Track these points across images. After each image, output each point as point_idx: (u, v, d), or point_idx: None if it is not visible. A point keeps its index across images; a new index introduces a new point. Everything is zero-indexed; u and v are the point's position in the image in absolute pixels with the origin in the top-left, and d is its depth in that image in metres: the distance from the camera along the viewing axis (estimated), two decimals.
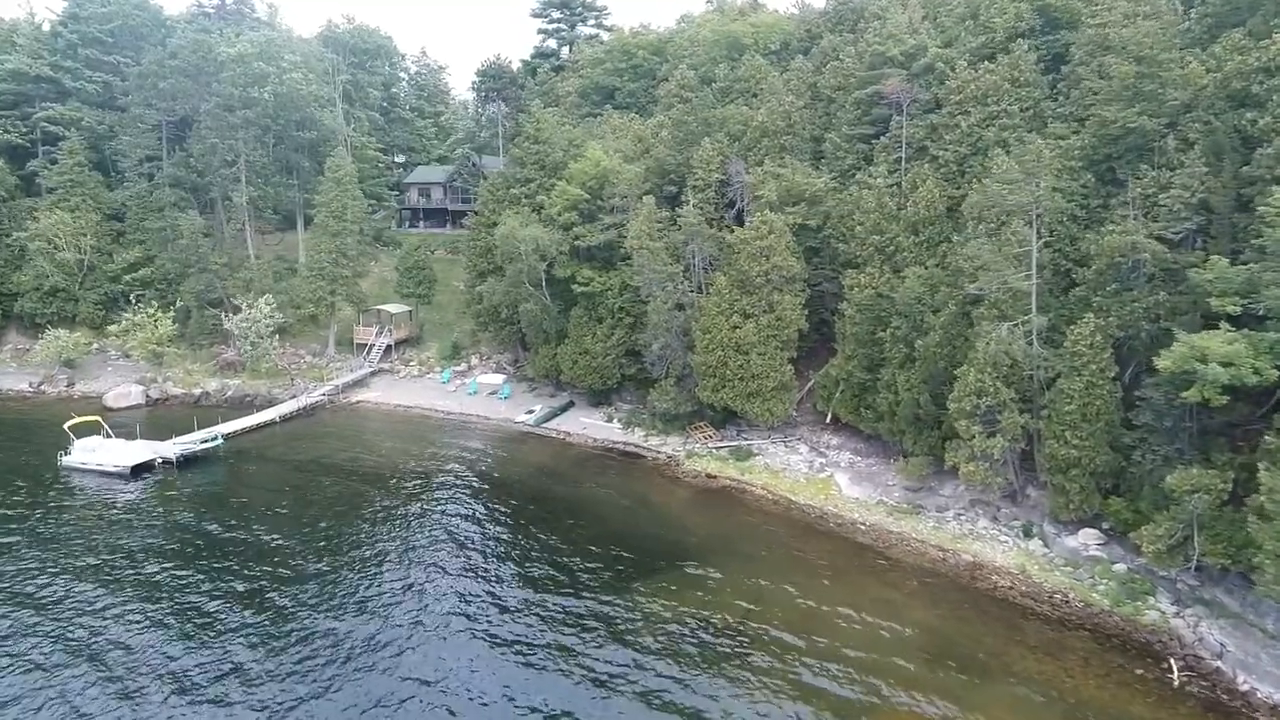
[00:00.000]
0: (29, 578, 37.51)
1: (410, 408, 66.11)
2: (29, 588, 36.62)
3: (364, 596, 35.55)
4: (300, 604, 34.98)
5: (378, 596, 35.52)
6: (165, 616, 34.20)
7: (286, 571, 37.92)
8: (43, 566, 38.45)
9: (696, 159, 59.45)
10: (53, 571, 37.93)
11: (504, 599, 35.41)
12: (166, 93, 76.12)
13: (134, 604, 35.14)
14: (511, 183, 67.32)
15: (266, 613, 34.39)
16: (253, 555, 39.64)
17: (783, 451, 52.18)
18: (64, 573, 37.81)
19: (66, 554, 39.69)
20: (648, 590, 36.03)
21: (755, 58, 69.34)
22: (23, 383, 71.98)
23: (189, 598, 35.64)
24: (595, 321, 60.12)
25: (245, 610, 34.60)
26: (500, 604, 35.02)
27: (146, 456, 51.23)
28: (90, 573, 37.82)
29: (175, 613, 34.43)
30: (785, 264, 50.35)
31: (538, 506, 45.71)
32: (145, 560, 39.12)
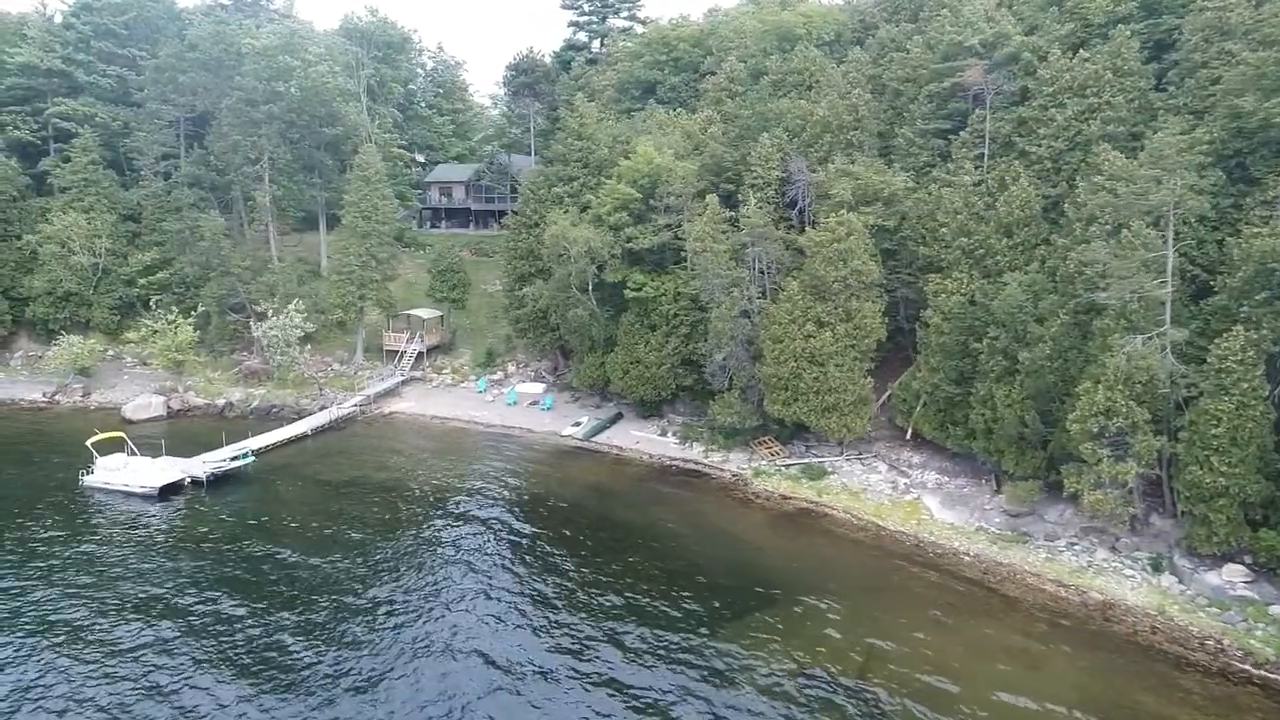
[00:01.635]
0: (55, 611, 33.89)
1: (447, 419, 62.42)
2: (56, 622, 33.00)
3: (420, 637, 31.83)
4: (349, 645, 31.28)
5: (433, 638, 31.80)
6: (207, 654, 30.61)
7: (329, 607, 34.18)
8: (69, 599, 34.79)
9: (754, 155, 55.81)
10: (81, 605, 34.28)
11: (576, 637, 31.73)
12: (186, 87, 72.51)
13: (171, 640, 31.57)
14: (554, 181, 63.64)
15: (314, 652, 30.73)
16: (293, 587, 35.94)
17: (859, 470, 48.50)
18: (93, 606, 34.18)
19: (95, 585, 36.02)
20: (739, 632, 32.35)
21: (809, 49, 65.64)
22: (35, 392, 68.33)
23: (230, 635, 31.98)
24: (648, 329, 56.40)
25: (291, 649, 30.97)
26: (573, 641, 31.37)
27: (175, 476, 47.56)
28: (122, 606, 34.11)
29: (218, 652, 30.78)
30: (865, 268, 46.65)
31: (600, 532, 42.02)
32: (179, 593, 35.39)
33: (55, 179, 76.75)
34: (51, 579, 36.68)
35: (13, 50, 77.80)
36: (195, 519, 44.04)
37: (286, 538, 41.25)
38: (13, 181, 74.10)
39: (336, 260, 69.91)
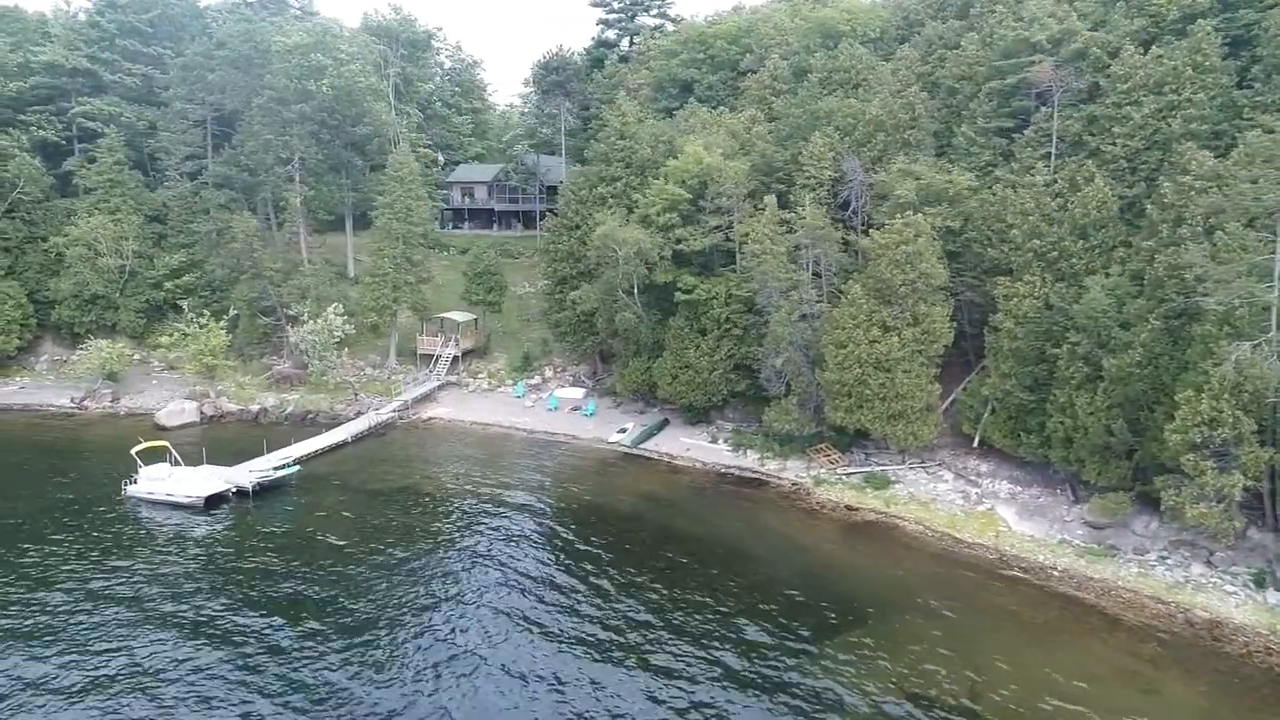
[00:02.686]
0: (101, 627, 32.46)
1: (488, 425, 60.94)
2: (103, 639, 31.63)
3: (482, 666, 30.21)
4: (408, 675, 29.66)
5: (498, 665, 30.20)
6: (263, 680, 29.19)
7: (385, 630, 32.45)
8: (116, 615, 33.41)
9: (806, 155, 54.43)
10: (128, 623, 32.85)
11: (663, 664, 30.19)
12: (215, 85, 70.97)
13: (225, 663, 30.18)
14: (595, 181, 62.21)
15: (372, 683, 29.20)
16: (347, 607, 34.24)
17: (925, 479, 47.07)
18: (141, 623, 32.83)
19: (141, 601, 34.58)
20: (835, 653, 30.90)
21: (855, 46, 64.25)
22: (63, 397, 66.83)
23: (285, 659, 30.50)
24: (698, 333, 55.00)
25: (348, 675, 29.49)
26: (661, 668, 29.86)
27: (220, 486, 46.08)
28: (177, 628, 32.54)
29: (280, 678, 29.32)
30: (934, 271, 45.23)
31: (666, 546, 40.49)
32: (231, 613, 33.82)
33: (80, 180, 75.25)
34: (98, 594, 35.22)
35: (36, 49, 76.31)
36: (243, 532, 42.51)
37: (337, 553, 39.63)
38: (38, 182, 72.65)
39: (370, 262, 68.43)
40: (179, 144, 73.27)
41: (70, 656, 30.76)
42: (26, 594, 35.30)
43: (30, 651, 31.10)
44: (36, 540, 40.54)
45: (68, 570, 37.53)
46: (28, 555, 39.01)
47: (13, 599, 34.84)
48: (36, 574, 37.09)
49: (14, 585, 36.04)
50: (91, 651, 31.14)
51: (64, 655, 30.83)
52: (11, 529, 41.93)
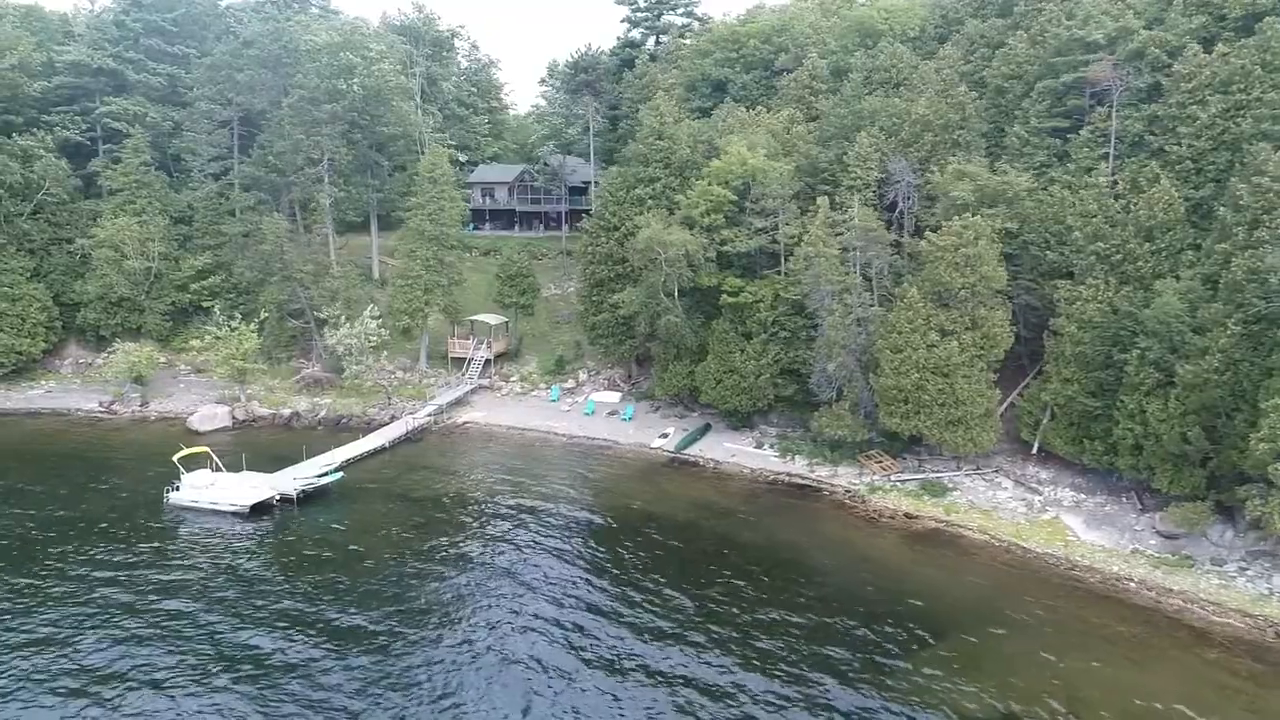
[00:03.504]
0: (152, 644, 31.55)
1: (525, 430, 59.99)
2: (155, 656, 30.75)
3: (548, 686, 29.35)
4: (480, 698, 28.79)
5: (561, 685, 29.33)
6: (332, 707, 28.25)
7: (447, 648, 31.52)
8: (167, 630, 32.47)
9: (851, 156, 53.56)
10: (181, 639, 31.88)
11: (743, 684, 29.26)
12: (244, 85, 69.98)
13: (295, 686, 29.21)
14: (633, 182, 61.22)
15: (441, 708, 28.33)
16: (402, 628, 33.06)
17: (983, 486, 46.19)
18: (195, 639, 31.85)
19: (193, 615, 33.65)
20: (919, 670, 30.00)
21: (895, 45, 63.35)
22: (91, 401, 65.86)
23: (343, 679, 29.61)
24: (743, 336, 54.08)
25: (409, 699, 28.58)
26: (741, 690, 28.97)
27: (266, 494, 45.14)
28: (236, 649, 31.54)
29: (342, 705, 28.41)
30: (995, 274, 44.31)
31: (726, 557, 39.48)
32: (285, 629, 32.83)
33: (105, 181, 74.38)
34: (149, 608, 34.32)
35: (61, 48, 75.31)
36: (291, 542, 41.60)
37: (386, 566, 38.51)
38: (63, 183, 71.65)
39: (401, 264, 67.44)
40: (206, 145, 72.26)
41: (123, 671, 29.92)
42: (77, 608, 34.35)
43: (82, 665, 30.23)
44: (81, 550, 39.66)
45: (116, 582, 36.60)
46: (73, 566, 38.09)
47: (62, 615, 33.81)
48: (84, 586, 36.13)
49: (62, 600, 34.99)
50: (151, 669, 30.23)
51: (118, 671, 29.96)
52: (55, 538, 41.00)
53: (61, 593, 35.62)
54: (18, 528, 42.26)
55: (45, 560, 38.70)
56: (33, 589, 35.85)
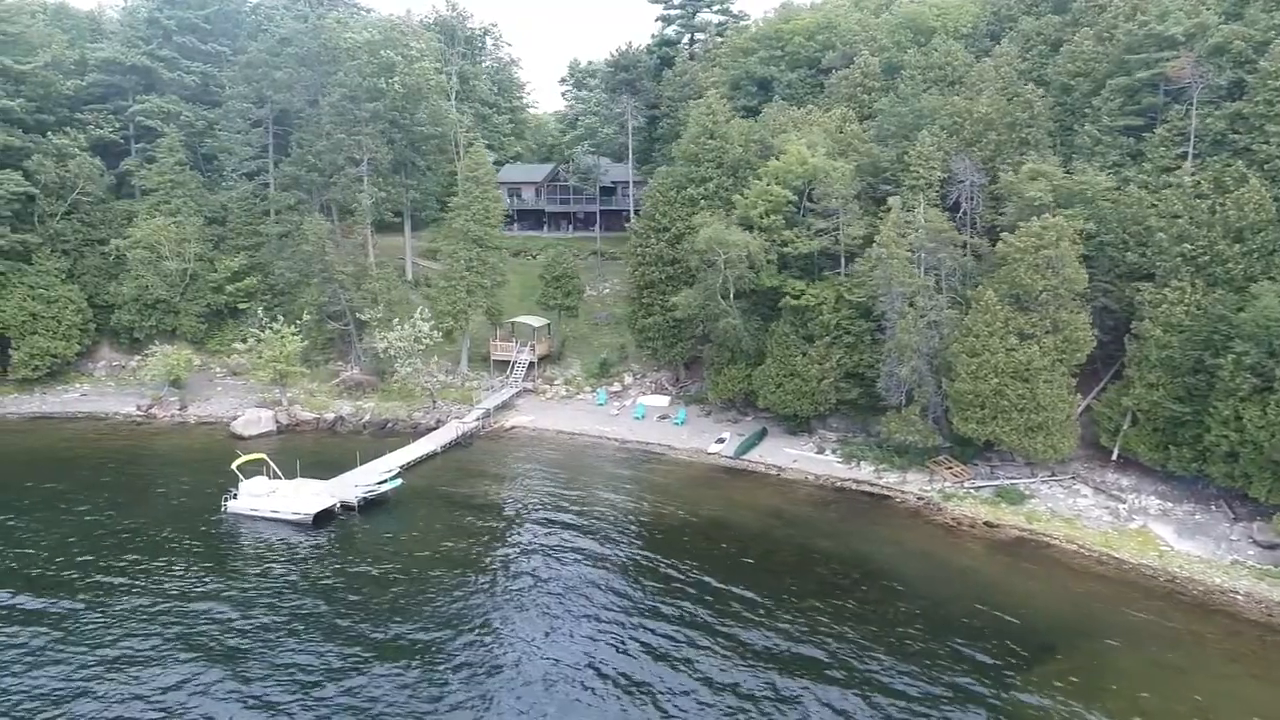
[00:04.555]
0: (229, 671, 30.19)
1: (575, 434, 58.81)
2: (235, 685, 29.40)
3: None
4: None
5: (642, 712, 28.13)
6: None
7: (536, 670, 30.32)
8: (240, 654, 31.17)
9: (913, 155, 52.45)
10: (268, 668, 30.58)
11: (850, 714, 28.12)
12: (281, 83, 68.77)
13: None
14: (684, 182, 60.07)
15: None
16: (482, 650, 31.72)
17: (1061, 494, 45.01)
18: (288, 672, 30.24)
19: (280, 644, 32.04)
20: (1038, 689, 28.80)
21: (950, 42, 62.25)
22: (128, 405, 64.74)
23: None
24: (804, 339, 52.94)
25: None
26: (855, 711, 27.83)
27: (328, 502, 43.91)
28: (322, 673, 30.15)
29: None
30: (1076, 276, 43.16)
31: (811, 569, 38.19)
32: (368, 652, 31.59)
33: (139, 181, 73.20)
34: (218, 629, 33.02)
35: (94, 46, 74.12)
36: (357, 553, 40.27)
37: (457, 580, 37.04)
38: (98, 183, 70.47)
39: (445, 264, 66.22)
40: (242, 144, 71.05)
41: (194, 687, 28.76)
42: (147, 623, 33.18)
43: (162, 685, 29.07)
44: (145, 562, 38.46)
45: (186, 596, 35.46)
46: (139, 578, 36.88)
47: (128, 630, 32.61)
48: (154, 600, 34.94)
49: (134, 614, 33.81)
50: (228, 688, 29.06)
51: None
52: (112, 549, 39.78)
53: (133, 607, 34.38)
54: (78, 536, 41.05)
55: (111, 571, 37.54)
56: (101, 603, 34.64)
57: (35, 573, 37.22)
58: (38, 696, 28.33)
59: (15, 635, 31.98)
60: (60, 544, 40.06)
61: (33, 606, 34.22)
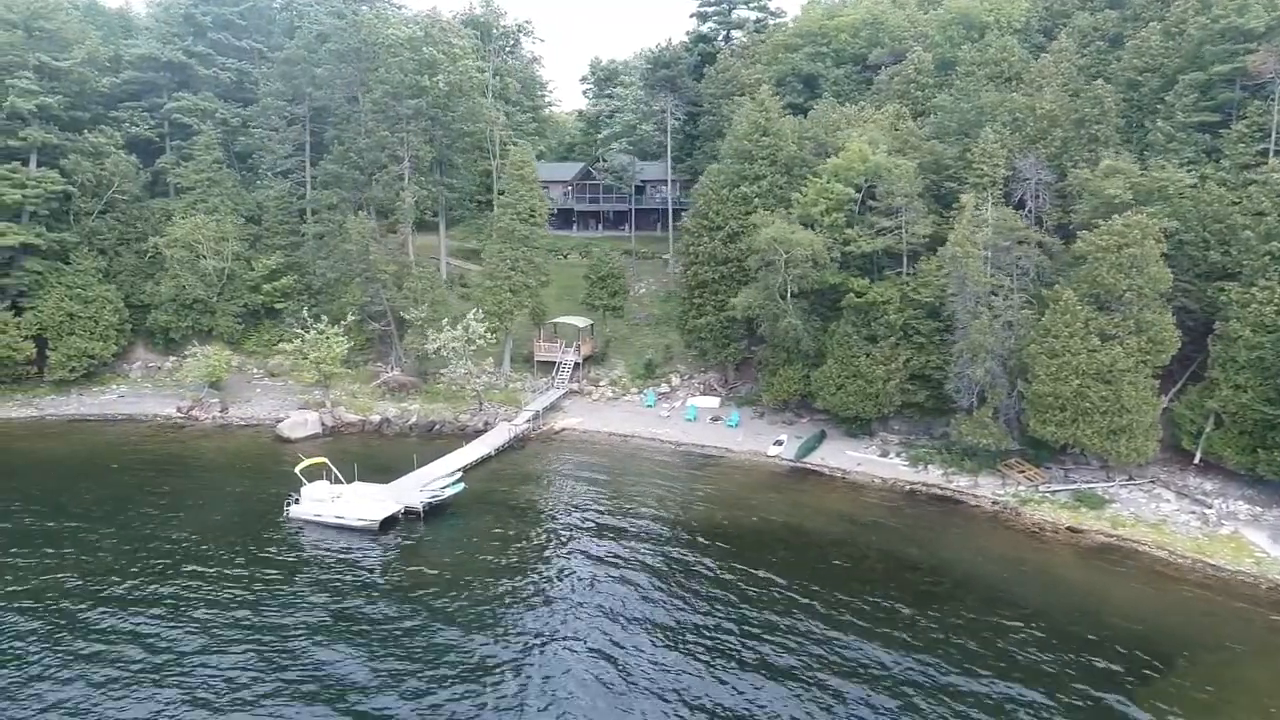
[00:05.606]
0: (327, 682, 29.11)
1: (627, 437, 57.73)
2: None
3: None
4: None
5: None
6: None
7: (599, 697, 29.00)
8: (324, 677, 30.00)
9: (977, 152, 51.48)
10: (369, 678, 29.57)
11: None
12: (322, 80, 67.71)
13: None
14: (737, 180, 59.03)
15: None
16: (586, 664, 30.73)
17: (1142, 499, 43.98)
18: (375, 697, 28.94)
19: (345, 660, 30.88)
20: (1169, 702, 27.78)
21: (1006, 38, 61.26)
22: (167, 407, 63.61)
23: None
24: (867, 340, 51.93)
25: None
26: None
27: (393, 508, 42.83)
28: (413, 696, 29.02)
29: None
30: (1161, 275, 42.13)
31: (902, 577, 37.09)
32: (461, 676, 30.57)
33: (175, 179, 72.15)
34: (303, 639, 32.06)
35: (129, 43, 73.07)
36: (429, 562, 38.89)
37: (537, 593, 35.84)
38: (134, 180, 69.41)
39: (490, 264, 65.15)
40: (281, 141, 70.01)
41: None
42: (221, 637, 32.13)
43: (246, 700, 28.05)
44: (212, 570, 37.43)
45: (256, 606, 34.42)
46: (210, 585, 35.89)
47: (218, 643, 31.66)
48: (224, 614, 33.81)
49: (207, 628, 32.72)
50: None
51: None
52: (183, 555, 38.76)
53: (205, 618, 33.37)
54: (140, 542, 40.01)
55: (180, 578, 36.53)
56: (173, 615, 33.52)
57: (110, 586, 35.90)
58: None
59: (106, 654, 30.86)
60: (131, 552, 38.96)
61: (124, 626, 32.70)
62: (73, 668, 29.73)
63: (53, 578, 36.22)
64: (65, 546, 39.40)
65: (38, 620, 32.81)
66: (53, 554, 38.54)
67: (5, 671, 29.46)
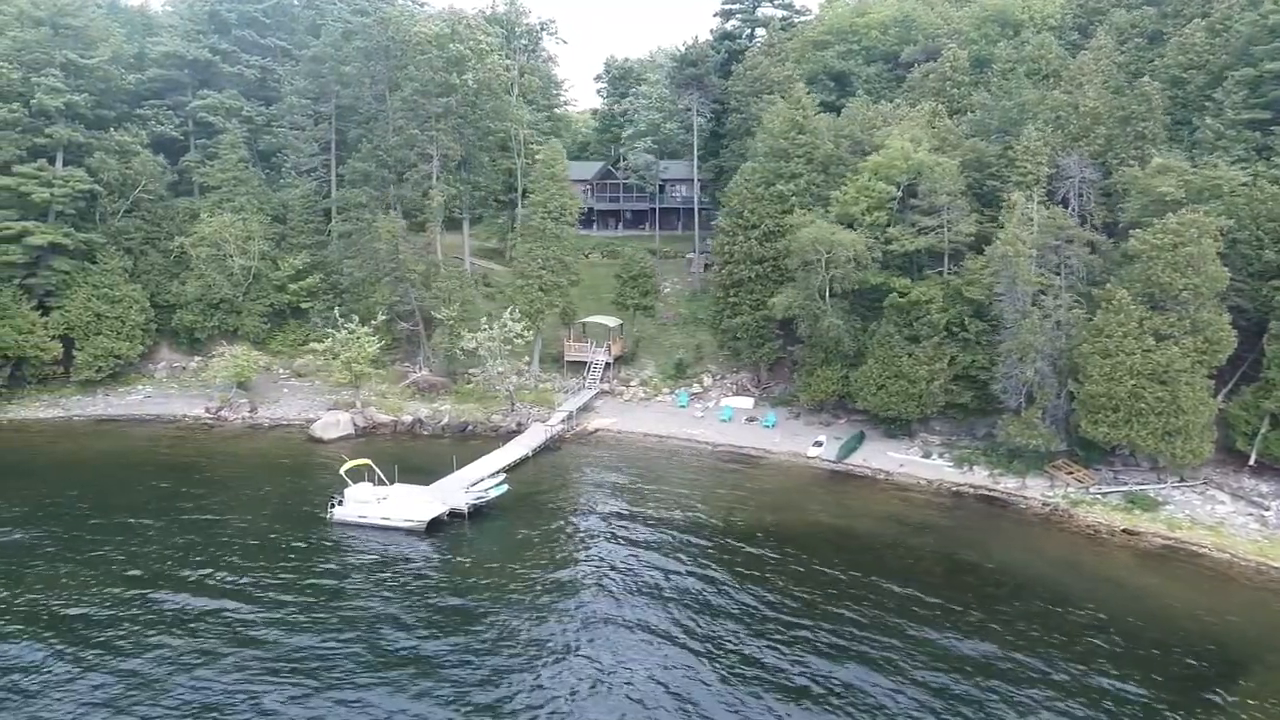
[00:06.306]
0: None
1: (663, 437, 57.17)
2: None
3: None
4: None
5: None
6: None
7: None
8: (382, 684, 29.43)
9: (1019, 150, 50.98)
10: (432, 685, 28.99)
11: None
12: (350, 77, 67.13)
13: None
14: (772, 178, 58.47)
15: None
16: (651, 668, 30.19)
17: (1196, 500, 43.47)
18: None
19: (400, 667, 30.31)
20: (1236, 714, 27.23)
21: (1043, 35, 60.76)
22: (195, 407, 63.04)
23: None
24: (909, 340, 51.38)
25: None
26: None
27: (439, 509, 42.27)
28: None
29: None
30: (1217, 274, 41.59)
31: (960, 580, 36.51)
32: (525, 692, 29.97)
33: (200, 178, 71.58)
34: (361, 647, 31.43)
35: (154, 40, 72.48)
36: (480, 563, 38.45)
37: (590, 599, 34.84)
38: (159, 180, 68.83)
39: (520, 263, 64.57)
40: (309, 140, 69.41)
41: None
42: (274, 645, 31.44)
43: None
44: (260, 574, 36.82)
45: (310, 611, 33.79)
46: (261, 590, 35.24)
47: (261, 657, 30.84)
48: (278, 622, 33.15)
49: (262, 642, 31.85)
50: None
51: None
52: (225, 561, 38.04)
53: (261, 620, 32.79)
54: (187, 546, 39.35)
55: (229, 581, 35.93)
56: (230, 624, 32.90)
57: (165, 589, 35.25)
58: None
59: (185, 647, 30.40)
60: (180, 556, 38.27)
61: (187, 627, 32.19)
62: (164, 668, 29.35)
63: (104, 585, 35.48)
64: (113, 550, 38.75)
65: (101, 629, 32.10)
66: (100, 558, 37.90)
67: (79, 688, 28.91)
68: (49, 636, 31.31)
